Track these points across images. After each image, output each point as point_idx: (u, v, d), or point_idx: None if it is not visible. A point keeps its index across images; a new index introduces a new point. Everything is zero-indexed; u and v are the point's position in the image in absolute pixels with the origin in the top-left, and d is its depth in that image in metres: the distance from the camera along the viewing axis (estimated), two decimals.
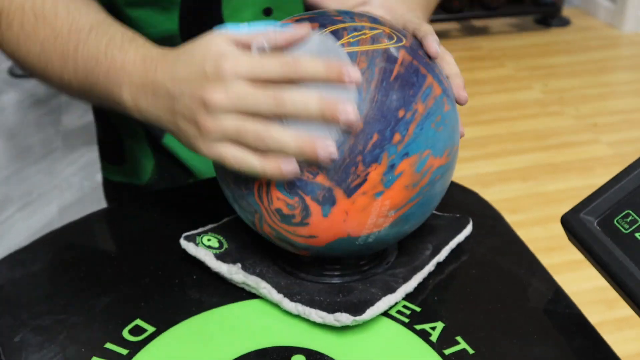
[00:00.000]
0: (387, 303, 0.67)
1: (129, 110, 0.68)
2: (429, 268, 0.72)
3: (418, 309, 0.68)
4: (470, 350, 0.64)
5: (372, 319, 0.66)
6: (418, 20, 0.71)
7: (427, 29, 0.68)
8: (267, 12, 0.86)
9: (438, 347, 0.64)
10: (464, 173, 2.60)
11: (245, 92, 0.59)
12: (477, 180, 2.57)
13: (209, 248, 0.71)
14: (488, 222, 0.83)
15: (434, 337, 0.65)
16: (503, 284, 0.74)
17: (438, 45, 0.66)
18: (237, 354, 0.63)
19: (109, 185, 1.05)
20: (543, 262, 0.77)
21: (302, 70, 0.59)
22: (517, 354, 0.65)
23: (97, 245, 0.79)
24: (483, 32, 3.87)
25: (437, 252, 0.74)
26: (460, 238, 0.77)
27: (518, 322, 0.69)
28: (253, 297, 0.69)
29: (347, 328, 0.66)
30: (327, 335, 0.65)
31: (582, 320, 0.70)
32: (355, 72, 0.59)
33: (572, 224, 0.68)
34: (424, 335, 0.65)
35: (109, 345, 0.63)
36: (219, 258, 0.70)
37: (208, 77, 0.60)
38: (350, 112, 0.58)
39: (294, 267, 0.70)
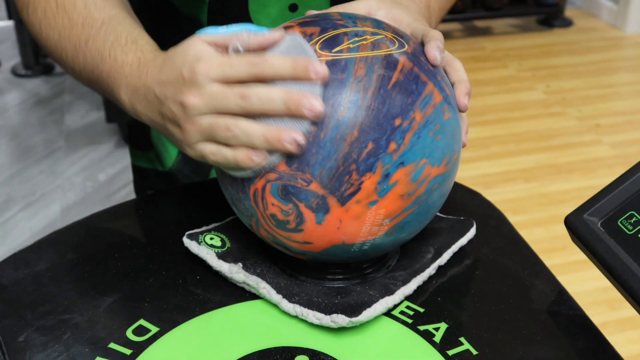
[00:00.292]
0: (384, 305, 0.67)
1: (128, 111, 0.70)
2: (430, 271, 0.72)
3: (421, 310, 0.68)
4: (474, 351, 0.64)
5: (375, 320, 0.66)
6: (423, 26, 0.71)
7: (434, 35, 0.68)
8: (292, 8, 0.87)
9: (441, 347, 0.64)
10: (467, 174, 2.60)
11: (216, 91, 0.61)
12: (479, 181, 2.57)
13: (211, 247, 0.72)
14: (491, 222, 0.83)
15: (438, 337, 0.65)
16: (506, 285, 0.74)
17: (440, 52, 0.66)
18: (240, 354, 0.63)
19: (137, 172, 1.08)
20: (546, 262, 0.77)
21: (269, 69, 0.61)
22: (520, 355, 0.65)
23: (100, 245, 0.79)
24: (485, 32, 3.87)
25: (438, 255, 0.74)
26: (463, 242, 0.77)
27: (521, 322, 0.68)
28: (256, 297, 0.69)
29: (350, 329, 0.66)
30: (330, 336, 0.65)
31: (585, 321, 0.70)
32: (322, 67, 0.60)
33: (575, 225, 0.68)
34: (428, 336, 0.65)
35: (113, 345, 0.64)
36: (221, 257, 0.70)
37: (185, 80, 0.62)
38: (315, 104, 0.59)
39: (294, 268, 0.70)
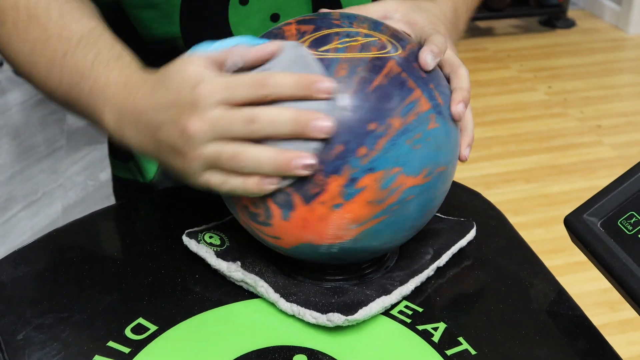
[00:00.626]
0: (381, 304, 0.66)
1: (112, 135, 0.65)
2: (428, 272, 0.72)
3: (420, 309, 0.68)
4: (472, 351, 0.64)
5: (373, 319, 0.66)
6: (432, 31, 0.69)
7: (433, 39, 0.66)
8: (274, 18, 0.84)
9: (440, 347, 0.64)
10: (468, 174, 2.60)
11: (221, 116, 0.58)
12: (480, 182, 2.57)
13: (210, 245, 0.72)
14: (491, 223, 0.83)
15: (436, 337, 0.65)
16: (506, 285, 0.73)
17: (433, 57, 0.64)
18: (239, 353, 0.63)
19: (117, 182, 1.05)
20: (546, 263, 0.77)
21: (274, 89, 0.58)
22: (519, 356, 0.65)
23: (99, 244, 0.79)
24: (488, 33, 3.87)
25: (437, 256, 0.73)
26: (463, 243, 0.76)
27: (521, 323, 0.68)
28: (255, 296, 0.69)
29: (349, 328, 0.66)
30: (329, 335, 0.65)
31: (585, 322, 0.69)
32: (328, 83, 0.58)
33: (575, 226, 0.68)
34: (426, 336, 0.65)
35: (112, 344, 0.64)
36: (219, 255, 0.70)
37: (184, 105, 0.59)
38: (325, 123, 0.58)
39: (293, 268, 0.70)
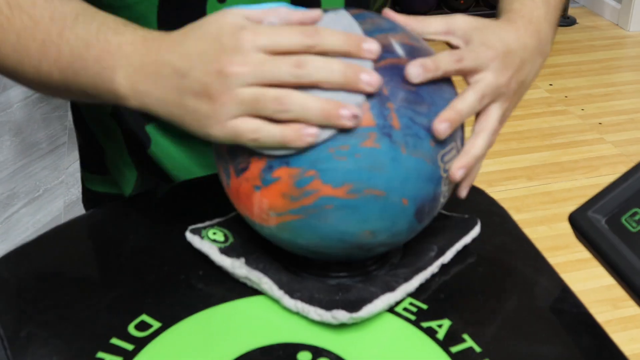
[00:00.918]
0: (385, 302, 0.66)
1: (123, 97, 0.64)
2: (432, 269, 0.71)
3: (425, 307, 0.68)
4: (477, 348, 0.64)
5: (378, 316, 0.66)
6: (469, 53, 0.69)
7: (440, 55, 0.65)
8: None
9: (444, 344, 0.64)
10: None
11: (265, 59, 0.58)
12: (482, 179, 2.57)
13: (214, 242, 0.71)
14: (495, 220, 0.83)
15: (441, 334, 0.65)
16: (510, 282, 0.73)
17: (422, 72, 0.61)
18: (243, 350, 0.63)
19: (91, 195, 1.02)
20: (549, 260, 0.77)
21: (320, 38, 0.58)
22: (523, 352, 0.65)
23: (102, 241, 0.79)
24: None
25: (442, 253, 0.73)
26: (467, 240, 0.76)
27: (525, 320, 0.68)
28: (259, 292, 0.69)
29: (353, 325, 0.65)
30: (333, 332, 0.65)
31: (589, 319, 0.69)
32: (374, 45, 0.59)
33: (580, 222, 0.68)
34: (431, 333, 0.65)
35: (115, 341, 0.63)
36: (223, 252, 0.70)
37: (225, 49, 0.58)
38: (373, 79, 0.58)
39: (297, 265, 0.70)
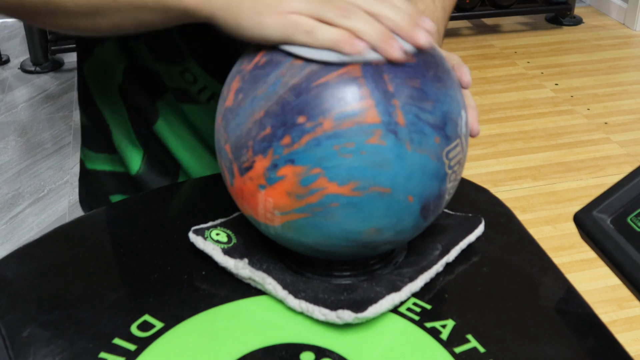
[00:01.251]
0: (390, 302, 0.66)
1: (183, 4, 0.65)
2: (437, 268, 0.71)
3: (428, 307, 0.68)
4: (481, 349, 0.63)
5: (382, 316, 0.66)
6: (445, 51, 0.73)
7: (458, 60, 0.70)
8: None
9: (448, 345, 0.64)
10: (475, 171, 2.59)
11: None
12: (487, 179, 2.56)
13: (217, 242, 0.71)
14: (500, 219, 0.82)
15: (445, 335, 0.65)
16: (514, 282, 0.73)
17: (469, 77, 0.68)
18: (246, 351, 0.63)
19: (90, 176, 1.02)
20: (554, 260, 0.76)
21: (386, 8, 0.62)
22: (528, 353, 0.64)
23: (105, 241, 0.79)
24: (494, 30, 3.86)
25: (446, 252, 0.73)
26: (471, 239, 0.76)
27: (529, 320, 0.68)
28: (262, 293, 0.69)
29: (357, 325, 0.65)
30: (336, 332, 0.65)
31: (594, 320, 0.69)
32: (431, 24, 0.63)
33: (585, 222, 0.68)
34: (434, 333, 0.65)
35: (117, 341, 0.63)
36: (227, 253, 0.70)
37: None
38: (427, 37, 0.61)
39: (301, 264, 0.70)
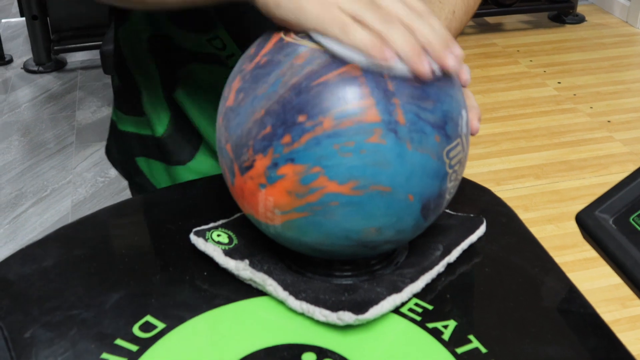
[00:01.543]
0: (392, 303, 0.66)
1: None
2: (439, 269, 0.71)
3: (430, 307, 0.68)
4: (483, 349, 0.63)
5: (383, 317, 0.66)
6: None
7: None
8: None
9: (450, 345, 0.64)
10: (478, 170, 2.59)
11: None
12: (490, 177, 2.56)
13: (218, 244, 0.71)
14: (501, 219, 0.82)
15: (446, 335, 0.65)
16: (516, 282, 0.73)
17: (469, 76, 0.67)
18: (247, 351, 0.63)
19: (121, 137, 1.06)
20: (556, 260, 0.76)
21: (423, 25, 0.62)
22: (530, 353, 0.64)
23: (108, 241, 0.79)
24: (497, 29, 3.85)
25: (447, 252, 0.72)
26: (473, 239, 0.75)
27: (531, 321, 0.68)
28: (264, 293, 0.69)
29: (358, 326, 0.65)
30: (338, 333, 0.65)
31: (596, 320, 0.69)
32: (459, 51, 0.63)
33: (587, 222, 0.68)
34: (436, 334, 0.65)
35: (119, 342, 0.63)
36: (228, 254, 0.70)
37: None
38: (455, 61, 0.62)
39: (301, 265, 0.70)
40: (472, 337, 0.65)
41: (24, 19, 3.45)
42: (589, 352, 0.66)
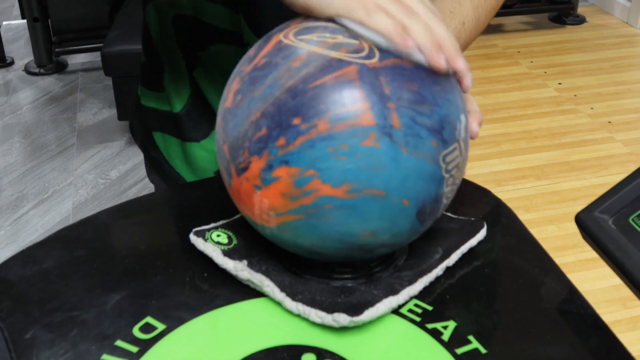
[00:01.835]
0: (388, 305, 0.66)
1: None
2: (437, 272, 0.71)
3: (430, 308, 0.68)
4: (483, 350, 0.63)
5: (383, 318, 0.66)
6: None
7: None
8: None
9: (450, 346, 0.64)
10: (478, 171, 2.59)
11: None
12: (491, 178, 2.56)
13: (218, 244, 0.71)
14: (501, 220, 0.82)
15: (446, 336, 0.65)
16: (516, 283, 0.73)
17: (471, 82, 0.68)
18: (247, 352, 0.63)
19: (143, 110, 1.09)
20: (557, 260, 0.76)
21: (437, 30, 0.64)
22: (530, 354, 0.64)
23: (108, 242, 0.79)
24: (498, 29, 3.85)
25: (446, 256, 0.72)
26: (473, 243, 0.75)
27: (531, 321, 0.68)
28: (264, 295, 0.69)
29: (358, 327, 0.65)
30: (337, 334, 0.65)
31: (596, 320, 0.69)
32: (463, 63, 0.64)
33: (586, 223, 0.68)
34: (436, 335, 0.65)
35: (120, 343, 0.63)
36: (226, 254, 0.70)
37: None
38: (466, 65, 0.64)
39: (300, 266, 0.70)
40: (471, 337, 0.65)
41: (25, 21, 3.46)
42: (589, 352, 0.66)
